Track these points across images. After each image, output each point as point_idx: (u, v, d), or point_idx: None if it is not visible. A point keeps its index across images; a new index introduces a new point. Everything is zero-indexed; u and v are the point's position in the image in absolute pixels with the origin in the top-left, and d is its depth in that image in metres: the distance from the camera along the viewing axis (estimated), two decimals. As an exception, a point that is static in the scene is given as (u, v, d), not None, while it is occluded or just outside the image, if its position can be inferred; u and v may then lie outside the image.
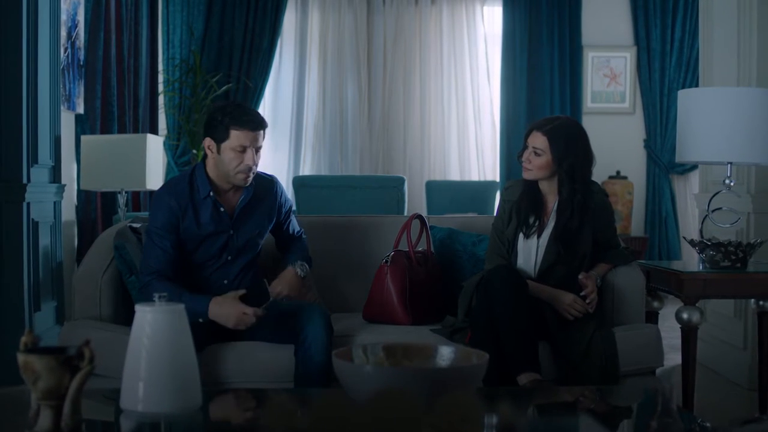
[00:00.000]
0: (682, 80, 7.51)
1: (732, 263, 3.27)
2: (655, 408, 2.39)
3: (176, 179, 3.00)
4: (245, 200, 2.97)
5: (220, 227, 2.94)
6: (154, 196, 3.01)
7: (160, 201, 2.93)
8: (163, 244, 2.87)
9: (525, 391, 2.63)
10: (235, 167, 2.86)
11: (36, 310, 4.08)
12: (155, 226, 2.89)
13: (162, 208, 2.90)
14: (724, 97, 3.39)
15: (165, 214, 2.89)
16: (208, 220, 2.92)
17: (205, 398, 2.10)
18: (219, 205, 2.94)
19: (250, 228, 3.00)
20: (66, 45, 4.92)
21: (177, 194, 2.92)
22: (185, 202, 2.91)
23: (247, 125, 2.85)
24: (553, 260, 3.06)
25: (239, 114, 2.85)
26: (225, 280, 2.98)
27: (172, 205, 2.90)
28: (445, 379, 1.86)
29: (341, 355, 1.98)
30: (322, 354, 2.73)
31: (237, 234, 2.97)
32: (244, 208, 2.98)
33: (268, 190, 3.05)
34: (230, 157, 2.86)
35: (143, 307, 2.03)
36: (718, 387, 4.17)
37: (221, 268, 2.98)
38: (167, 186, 2.98)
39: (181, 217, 2.90)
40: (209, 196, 2.92)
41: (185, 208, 2.91)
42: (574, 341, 2.90)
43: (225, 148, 2.87)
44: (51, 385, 1.71)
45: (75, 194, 5.24)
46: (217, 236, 2.95)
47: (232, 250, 2.98)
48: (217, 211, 2.94)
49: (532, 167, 3.06)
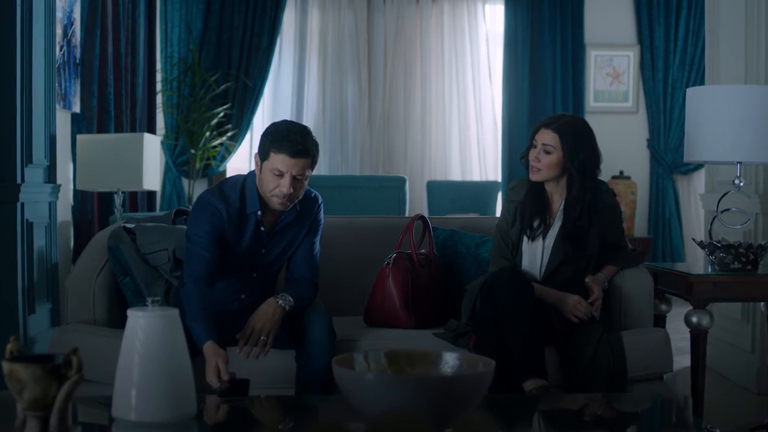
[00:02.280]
0: (686, 79, 7.45)
1: (743, 265, 3.19)
2: (667, 416, 2.31)
3: (228, 185, 2.85)
4: (285, 221, 2.85)
5: (255, 246, 2.84)
6: (200, 198, 2.85)
7: (207, 205, 2.79)
8: (208, 250, 2.74)
9: (531, 399, 2.56)
10: (271, 190, 2.72)
11: (30, 312, 4.01)
12: (202, 230, 2.75)
13: (208, 212, 2.77)
14: (733, 95, 3.31)
15: (212, 218, 2.76)
16: (247, 238, 2.82)
17: (201, 406, 2.04)
18: (261, 224, 2.82)
19: (282, 247, 2.89)
20: (62, 43, 4.86)
21: (227, 201, 2.79)
22: (233, 211, 2.79)
23: (285, 150, 2.67)
24: (560, 261, 2.99)
25: (282, 136, 2.68)
26: (243, 294, 2.90)
27: (220, 210, 2.77)
28: (449, 388, 1.79)
29: (342, 362, 1.91)
30: (324, 360, 2.64)
31: (268, 253, 2.87)
32: (282, 229, 2.86)
33: (309, 211, 2.91)
34: (268, 179, 2.72)
35: (136, 312, 1.97)
36: (726, 391, 4.10)
37: (243, 284, 2.89)
38: (217, 190, 2.83)
39: (226, 225, 2.78)
40: (256, 213, 2.80)
41: (231, 217, 2.78)
42: (581, 346, 2.83)
43: (265, 168, 2.72)
44: (37, 395, 1.64)
45: (71, 194, 5.17)
46: (249, 254, 2.85)
47: (258, 267, 2.88)
48: (258, 230, 2.83)
49: (541, 166, 2.97)
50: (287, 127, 2.73)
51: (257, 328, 2.68)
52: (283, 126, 2.74)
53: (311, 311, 2.79)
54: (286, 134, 2.69)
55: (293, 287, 2.83)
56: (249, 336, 2.68)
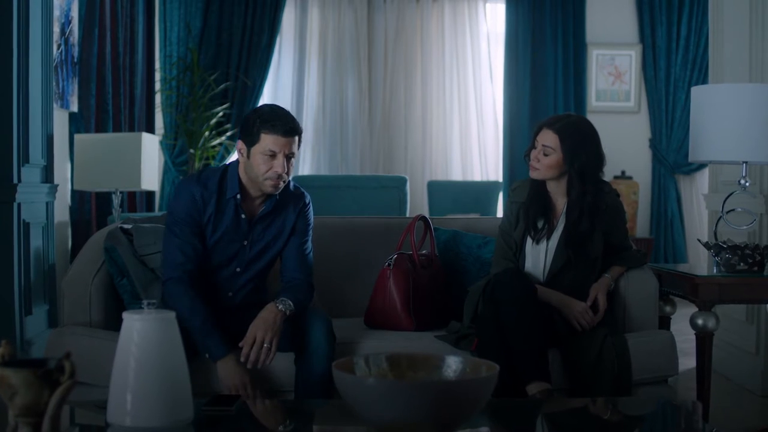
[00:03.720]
0: (689, 78, 7.41)
1: (749, 267, 3.14)
2: (674, 421, 2.27)
3: (207, 171, 2.84)
4: (266, 210, 2.82)
5: (236, 235, 2.80)
6: (178, 184, 2.85)
7: (184, 190, 2.78)
8: (186, 236, 2.73)
9: (535, 403, 2.52)
10: (264, 173, 2.71)
11: (27, 314, 3.98)
12: (177, 216, 2.75)
13: (185, 198, 2.76)
14: (739, 94, 3.26)
15: (188, 204, 2.75)
16: (227, 225, 2.78)
17: (197, 411, 1.99)
18: (241, 210, 2.79)
19: (265, 242, 2.84)
20: (59, 42, 4.82)
21: (204, 185, 2.77)
22: (210, 196, 2.77)
23: (278, 129, 2.68)
24: (563, 264, 2.95)
25: (272, 117, 2.69)
26: (230, 292, 2.85)
27: (197, 196, 2.75)
28: (452, 393, 1.74)
29: (342, 366, 1.86)
30: (323, 363, 2.61)
31: (250, 246, 2.83)
32: (263, 219, 2.82)
33: (294, 206, 2.88)
34: (259, 162, 2.70)
35: (131, 315, 1.93)
36: (730, 393, 4.06)
37: (229, 279, 2.84)
38: (196, 175, 2.83)
39: (202, 211, 2.76)
40: (235, 198, 2.77)
41: (208, 203, 2.76)
42: (585, 348, 2.79)
43: (255, 152, 2.71)
44: (29, 401, 1.59)
45: (69, 194, 5.13)
46: (230, 244, 2.81)
47: (242, 261, 2.84)
48: (237, 217, 2.79)
49: (540, 166, 2.94)
50: (273, 109, 2.74)
51: (259, 336, 2.63)
52: (268, 108, 2.75)
53: (310, 314, 2.75)
54: (275, 115, 2.71)
55: (290, 290, 2.78)
56: (252, 344, 2.63)
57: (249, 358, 2.62)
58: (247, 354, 2.62)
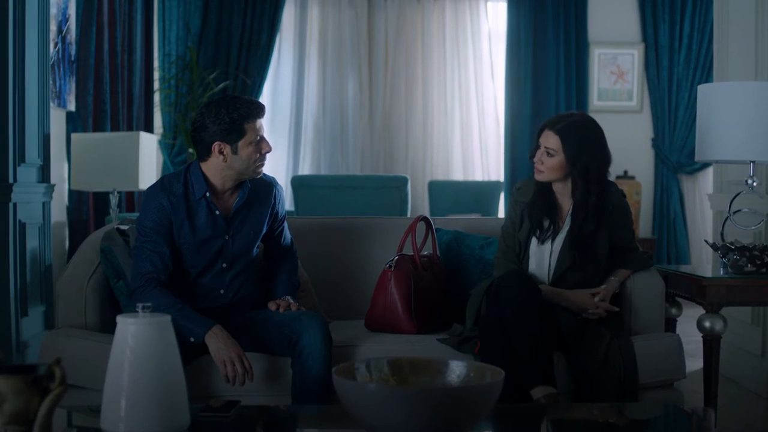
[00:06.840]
0: (691, 77, 7.36)
1: (757, 268, 3.09)
2: (682, 426, 2.21)
3: (169, 177, 2.82)
4: (241, 202, 2.80)
5: (215, 232, 2.77)
6: (145, 194, 2.84)
7: (151, 199, 2.76)
8: (155, 246, 2.71)
9: (540, 409, 2.46)
10: (255, 161, 2.73)
11: (23, 315, 3.93)
12: (146, 226, 2.73)
13: (153, 207, 2.74)
14: (746, 92, 3.21)
15: (156, 213, 2.73)
16: (203, 224, 2.76)
17: (194, 417, 1.94)
18: (214, 207, 2.77)
19: (246, 233, 2.83)
20: (56, 40, 4.77)
21: (170, 192, 2.75)
22: (178, 201, 2.75)
23: (255, 115, 2.72)
24: (568, 266, 2.90)
25: (244, 106, 2.70)
26: (221, 289, 2.81)
27: (164, 204, 2.74)
28: (456, 400, 1.69)
29: (342, 371, 1.82)
30: (320, 366, 2.56)
31: (232, 239, 2.80)
32: (239, 211, 2.81)
33: (266, 193, 2.89)
34: (249, 152, 2.71)
35: (126, 319, 1.87)
36: (735, 396, 4.01)
37: (216, 277, 2.81)
38: (159, 183, 2.80)
39: (173, 218, 2.74)
40: (205, 196, 2.75)
41: (178, 208, 2.74)
42: (590, 351, 2.74)
43: (243, 145, 2.70)
44: (18, 408, 1.54)
45: (66, 194, 5.08)
46: (212, 242, 2.78)
47: (227, 257, 2.80)
48: (212, 214, 2.77)
49: (544, 168, 2.90)
50: (234, 99, 2.74)
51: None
52: (230, 100, 2.73)
53: (305, 316, 2.70)
54: (243, 103, 2.72)
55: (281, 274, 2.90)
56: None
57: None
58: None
